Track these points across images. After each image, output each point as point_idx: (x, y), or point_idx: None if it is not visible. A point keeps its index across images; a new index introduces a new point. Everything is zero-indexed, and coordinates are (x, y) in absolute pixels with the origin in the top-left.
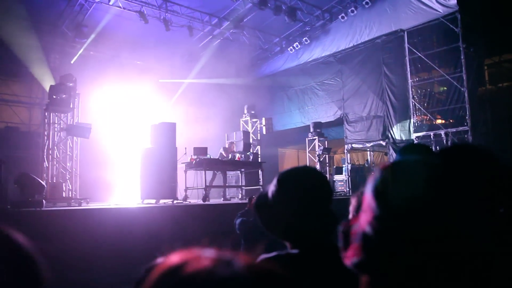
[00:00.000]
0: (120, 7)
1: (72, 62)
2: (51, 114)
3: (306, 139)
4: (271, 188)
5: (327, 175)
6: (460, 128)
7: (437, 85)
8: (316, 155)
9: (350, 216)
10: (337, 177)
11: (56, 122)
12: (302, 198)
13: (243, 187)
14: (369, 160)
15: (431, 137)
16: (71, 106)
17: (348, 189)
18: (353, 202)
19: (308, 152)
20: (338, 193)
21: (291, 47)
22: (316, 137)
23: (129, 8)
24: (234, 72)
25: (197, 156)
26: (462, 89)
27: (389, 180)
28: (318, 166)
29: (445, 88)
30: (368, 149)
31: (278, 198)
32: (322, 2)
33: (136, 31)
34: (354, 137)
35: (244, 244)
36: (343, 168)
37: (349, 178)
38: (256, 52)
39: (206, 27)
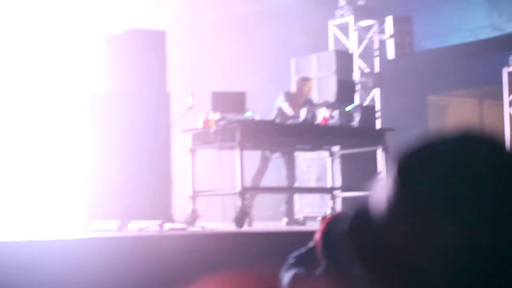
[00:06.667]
0: None
1: None
2: None
3: (504, 71)
4: (386, 189)
5: None
6: None
7: None
8: None
9: None
10: None
11: None
12: (456, 203)
13: (337, 191)
14: None
15: None
16: None
17: None
18: None
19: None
20: None
21: None
22: None
23: None
24: None
25: (221, 114)
26: None
27: None
28: None
29: None
30: None
31: (403, 206)
32: None
33: None
34: None
35: (328, 265)
36: None
37: None
38: None
39: None
